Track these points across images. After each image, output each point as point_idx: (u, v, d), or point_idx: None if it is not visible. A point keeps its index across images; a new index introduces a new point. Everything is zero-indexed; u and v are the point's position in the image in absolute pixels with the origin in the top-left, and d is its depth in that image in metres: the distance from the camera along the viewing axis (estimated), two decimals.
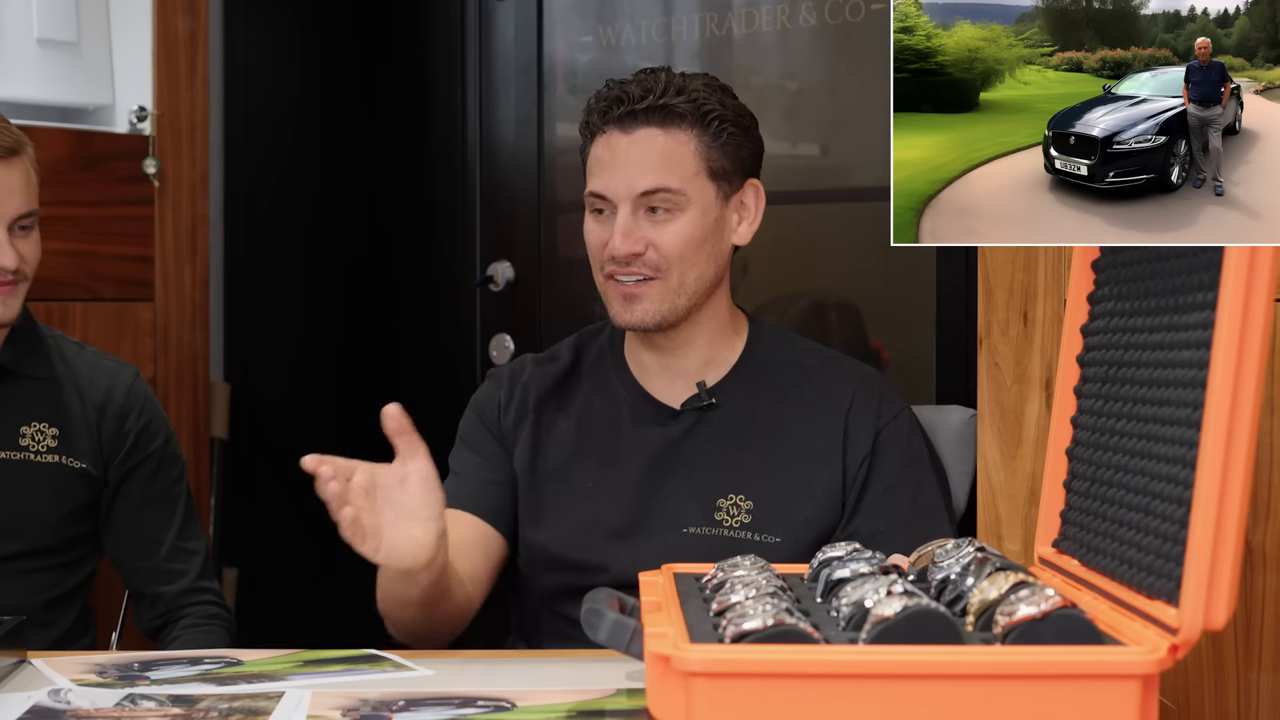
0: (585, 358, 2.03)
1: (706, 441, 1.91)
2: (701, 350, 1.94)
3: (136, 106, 2.95)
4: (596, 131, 1.90)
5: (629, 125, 1.87)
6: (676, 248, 1.86)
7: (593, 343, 2.04)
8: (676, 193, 1.85)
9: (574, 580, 1.87)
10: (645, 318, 1.87)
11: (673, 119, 1.86)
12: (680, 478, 1.90)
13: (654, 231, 1.86)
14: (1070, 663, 1.07)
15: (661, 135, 1.86)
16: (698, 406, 1.92)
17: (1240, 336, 1.09)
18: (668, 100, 1.86)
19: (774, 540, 1.85)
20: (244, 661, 1.59)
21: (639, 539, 1.88)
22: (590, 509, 1.91)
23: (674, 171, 1.86)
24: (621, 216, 1.86)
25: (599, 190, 1.88)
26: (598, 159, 1.89)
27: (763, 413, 1.92)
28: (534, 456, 1.96)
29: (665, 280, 1.87)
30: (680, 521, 1.87)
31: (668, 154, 1.86)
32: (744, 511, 1.86)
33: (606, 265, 1.88)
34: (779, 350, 1.98)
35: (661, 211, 1.86)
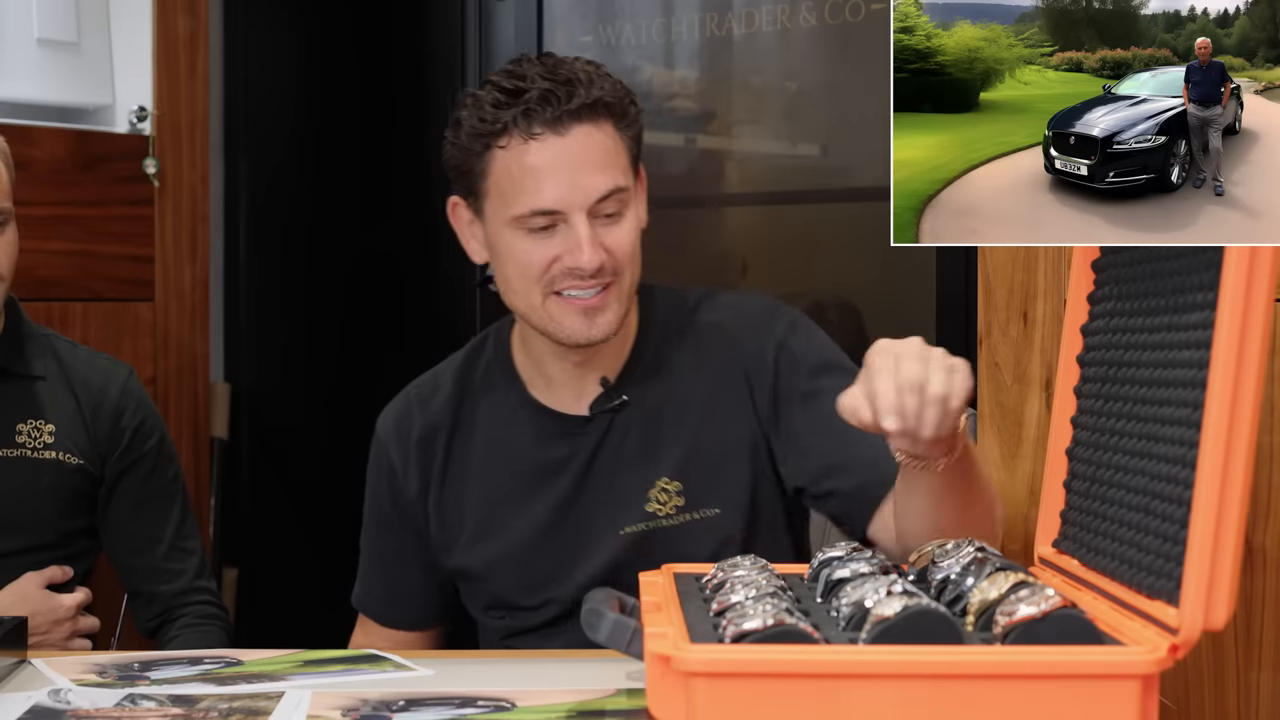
0: (472, 379, 1.87)
1: (622, 438, 1.79)
2: (609, 347, 1.78)
3: (136, 106, 2.96)
4: (515, 138, 1.68)
5: (562, 127, 1.67)
6: (627, 248, 1.72)
7: (477, 360, 1.88)
8: (625, 191, 1.71)
9: (524, 621, 1.82)
10: (608, 329, 1.72)
11: (601, 113, 1.70)
12: (605, 483, 1.79)
13: (608, 236, 1.70)
14: (1070, 663, 1.07)
15: (596, 132, 1.69)
16: (608, 408, 1.79)
17: (1240, 336, 1.09)
18: (595, 94, 1.69)
19: (712, 513, 1.76)
20: (244, 661, 1.59)
21: (579, 560, 1.78)
22: (522, 548, 1.80)
23: (617, 168, 1.71)
24: (581, 227, 1.68)
25: (545, 205, 1.68)
26: (529, 169, 1.68)
27: (669, 388, 1.80)
28: (448, 515, 1.84)
29: (620, 285, 1.72)
30: (615, 525, 1.77)
31: (607, 151, 1.70)
32: (675, 495, 1.76)
33: (557, 282, 1.70)
34: (670, 316, 1.84)
35: (611, 215, 1.71)
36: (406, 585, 1.90)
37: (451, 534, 1.84)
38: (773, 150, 3.19)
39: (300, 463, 3.64)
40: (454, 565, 1.85)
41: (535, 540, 1.80)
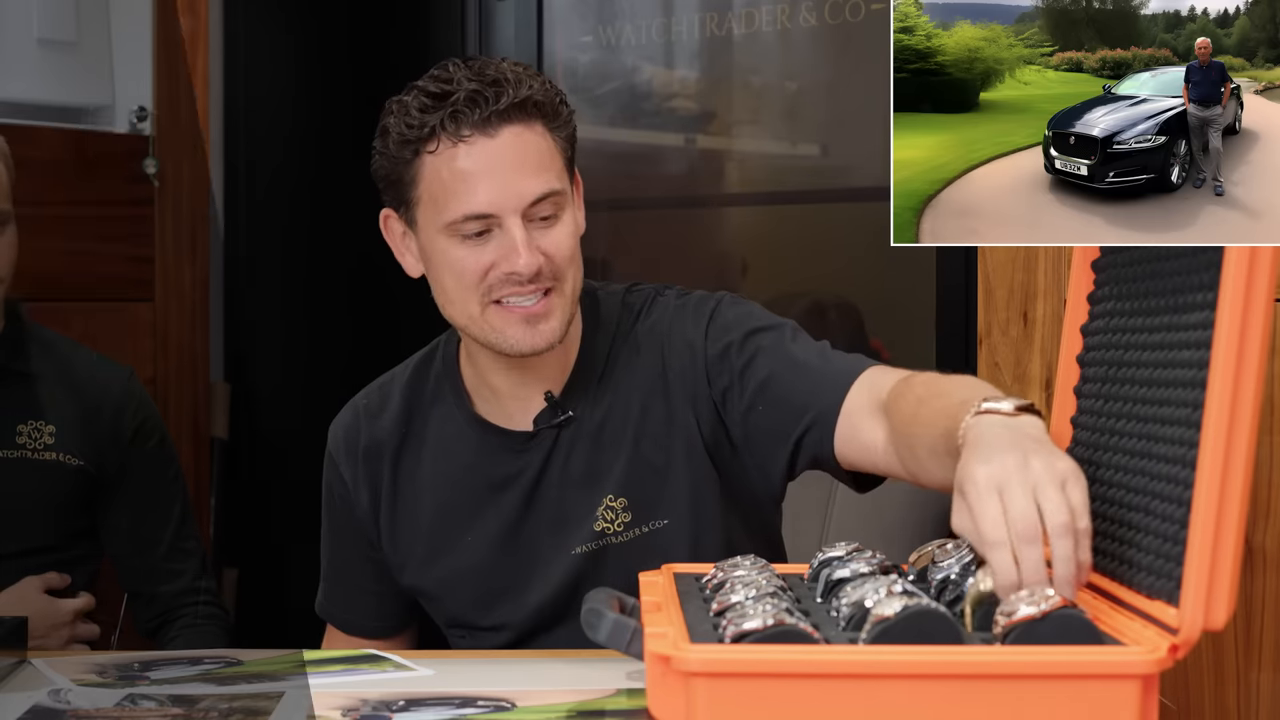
0: (422, 391, 1.81)
1: (567, 456, 1.73)
2: (553, 357, 1.72)
3: (136, 106, 2.96)
4: (444, 142, 1.63)
5: (491, 128, 1.62)
6: (566, 252, 1.66)
7: (427, 372, 1.83)
8: (560, 194, 1.65)
9: (484, 642, 1.79)
10: (551, 338, 1.66)
11: (531, 112, 1.64)
12: (553, 501, 1.74)
13: (545, 240, 1.64)
14: (1070, 663, 1.07)
15: (528, 133, 1.63)
16: (553, 424, 1.73)
17: (1240, 336, 1.09)
18: (525, 93, 1.63)
19: (661, 524, 1.71)
20: (244, 661, 1.59)
21: (533, 580, 1.75)
22: (472, 569, 1.77)
23: (551, 170, 1.65)
24: (516, 230, 1.62)
25: (479, 210, 1.62)
26: (460, 173, 1.62)
27: (611, 401, 1.74)
28: (400, 532, 1.80)
29: (561, 291, 1.66)
30: (566, 545, 1.73)
31: (540, 152, 1.64)
32: (623, 510, 1.71)
33: (496, 290, 1.64)
34: (614, 322, 1.77)
35: (546, 218, 1.65)
36: (364, 596, 1.87)
37: (404, 553, 1.80)
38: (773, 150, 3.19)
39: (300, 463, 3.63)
40: (409, 584, 1.82)
41: (487, 559, 1.76)
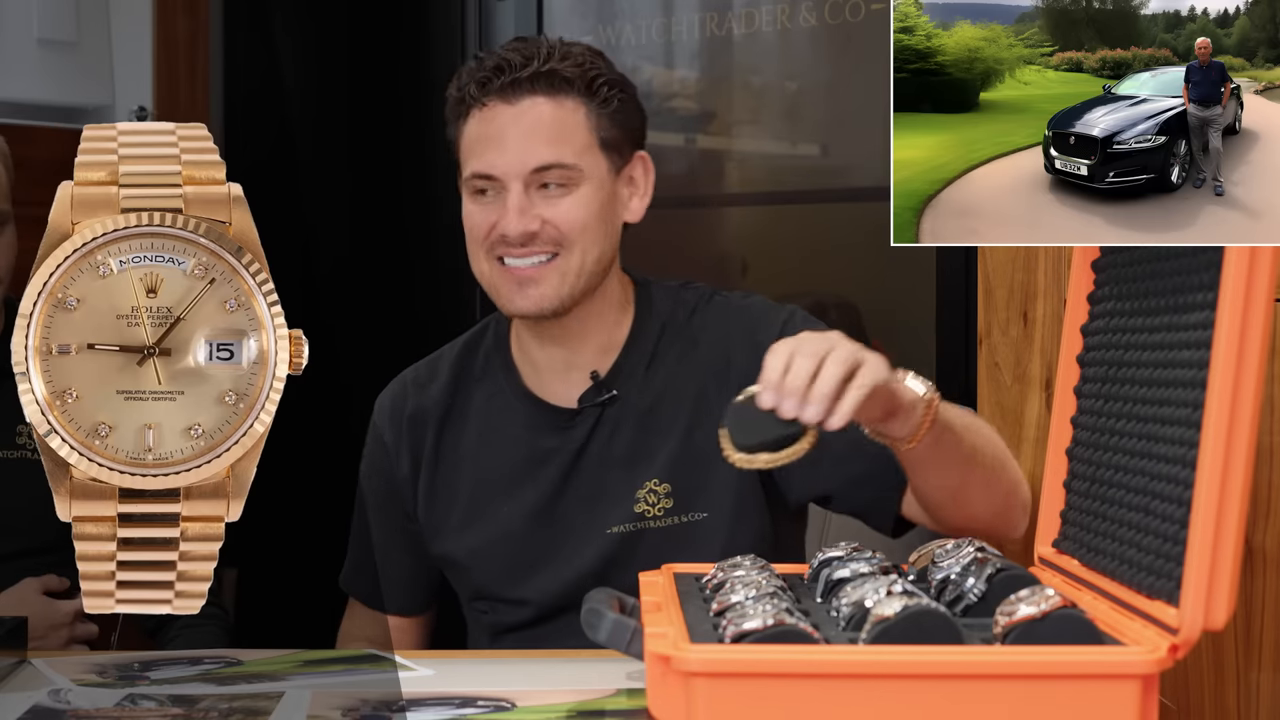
0: (471, 366, 1.87)
1: (611, 435, 1.77)
2: (596, 335, 1.79)
3: (136, 106, 2.96)
4: (473, 106, 1.73)
5: (512, 96, 1.71)
6: (577, 224, 1.71)
7: (477, 348, 1.88)
8: (571, 168, 1.71)
9: (505, 617, 1.81)
10: (542, 304, 1.72)
11: (560, 86, 1.71)
12: (592, 479, 1.77)
13: (549, 208, 1.71)
14: (1070, 663, 1.07)
15: (549, 104, 1.71)
16: (597, 401, 1.78)
17: (1240, 336, 1.09)
18: (553, 65, 1.71)
19: (700, 516, 1.75)
20: (244, 661, 1.59)
21: (566, 555, 1.77)
22: (505, 539, 1.79)
23: (566, 144, 1.71)
24: (514, 195, 1.70)
25: (484, 170, 1.72)
26: (478, 135, 1.73)
27: (661, 386, 1.78)
28: (437, 499, 1.84)
29: (566, 260, 1.71)
30: (603, 523, 1.75)
31: (558, 125, 1.71)
32: (665, 496, 1.75)
33: (496, 249, 1.73)
34: (668, 314, 1.82)
35: (555, 187, 1.71)
36: (395, 569, 1.90)
37: (439, 518, 1.83)
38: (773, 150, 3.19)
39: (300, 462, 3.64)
40: (439, 552, 1.84)
41: (522, 530, 1.78)
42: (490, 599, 1.82)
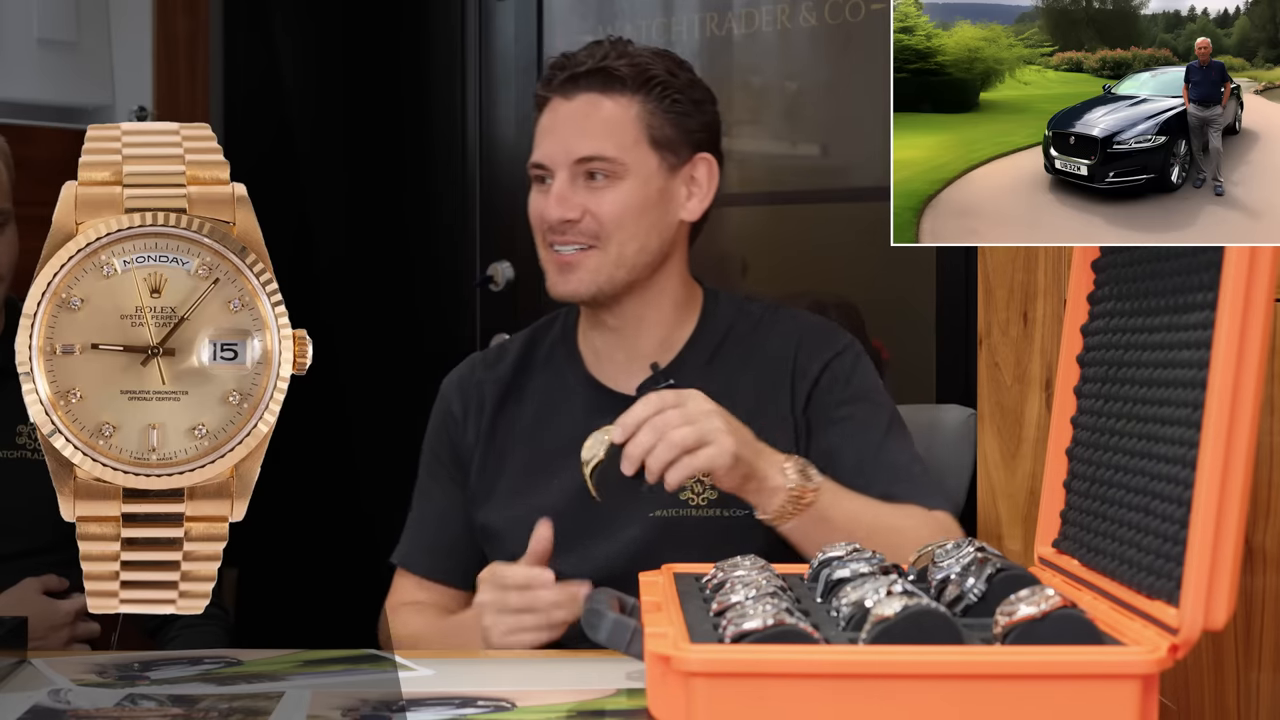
0: (537, 351, 1.97)
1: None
2: (654, 329, 1.89)
3: (136, 106, 2.96)
4: (543, 102, 1.87)
5: (570, 91, 1.83)
6: (614, 215, 1.82)
7: (545, 335, 1.99)
8: (613, 161, 1.82)
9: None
10: (580, 288, 1.83)
11: (614, 83, 1.82)
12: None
13: (591, 199, 1.82)
14: (1070, 663, 1.07)
15: (603, 100, 1.83)
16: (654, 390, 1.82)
17: (1240, 336, 1.09)
18: (609, 63, 1.82)
19: (741, 514, 1.77)
20: (244, 661, 1.59)
21: (606, 535, 1.82)
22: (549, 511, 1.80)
23: (612, 139, 1.82)
24: (558, 183, 1.82)
25: (537, 159, 1.85)
26: (541, 128, 1.87)
27: (720, 384, 1.82)
28: (497, 465, 1.91)
29: (603, 250, 1.82)
30: (646, 505, 1.81)
31: (607, 120, 1.82)
32: (709, 488, 1.80)
33: (547, 235, 1.84)
34: (731, 319, 1.92)
35: (601, 178, 1.82)
36: (453, 538, 1.94)
37: (488, 486, 1.90)
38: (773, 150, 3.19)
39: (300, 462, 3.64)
40: (483, 520, 1.90)
41: (566, 505, 1.82)
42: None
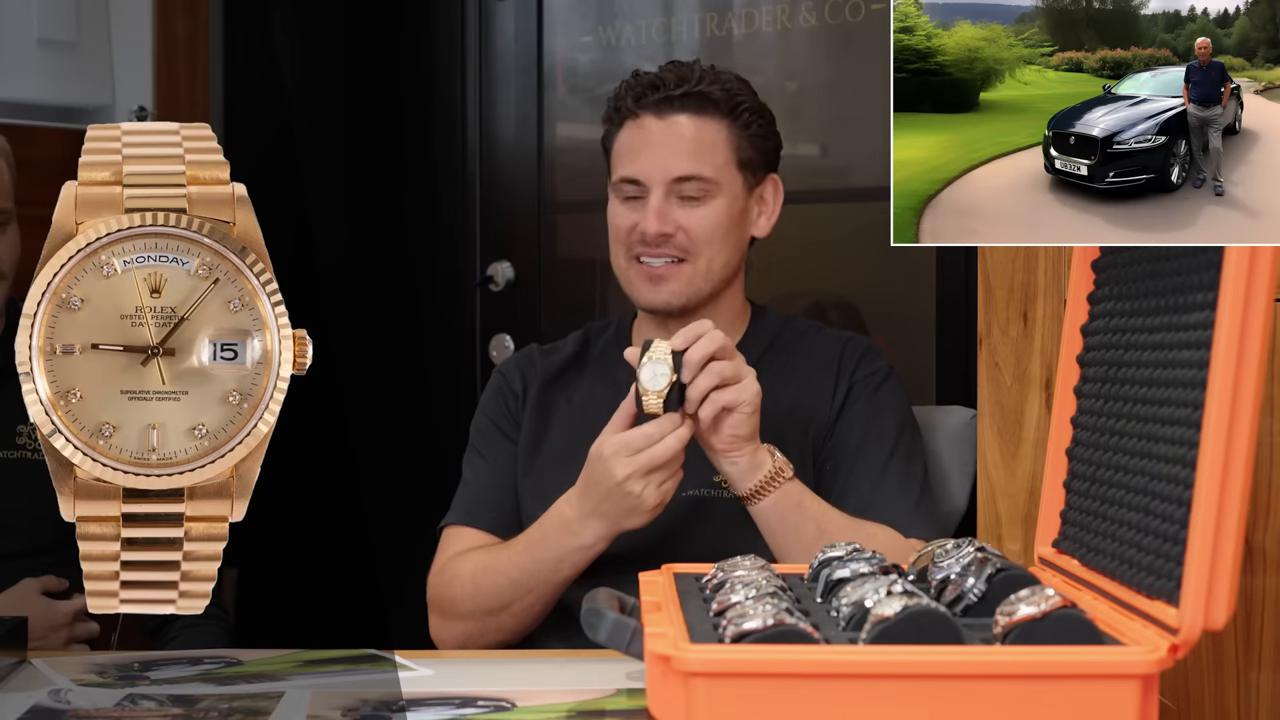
0: (591, 350, 2.06)
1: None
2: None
3: (136, 106, 2.96)
4: (627, 116, 1.94)
5: (663, 111, 1.91)
6: (706, 232, 1.91)
7: (599, 337, 2.07)
8: (709, 180, 1.91)
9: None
10: (671, 299, 1.92)
11: (706, 107, 1.91)
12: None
13: (685, 215, 1.91)
14: (1070, 663, 1.07)
15: (695, 122, 1.91)
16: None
17: (1240, 336, 1.09)
18: (703, 88, 1.91)
19: None
20: (244, 661, 1.59)
21: None
22: None
23: (706, 159, 1.91)
24: (655, 199, 1.90)
25: (632, 175, 1.92)
26: (628, 144, 1.93)
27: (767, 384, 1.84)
28: (535, 441, 1.98)
29: (693, 264, 1.91)
30: (682, 485, 1.81)
31: (700, 141, 1.91)
32: None
33: (634, 248, 1.92)
34: (777, 329, 2.02)
35: (692, 197, 1.91)
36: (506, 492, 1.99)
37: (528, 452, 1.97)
38: None
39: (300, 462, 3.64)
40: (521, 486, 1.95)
41: None
42: None
